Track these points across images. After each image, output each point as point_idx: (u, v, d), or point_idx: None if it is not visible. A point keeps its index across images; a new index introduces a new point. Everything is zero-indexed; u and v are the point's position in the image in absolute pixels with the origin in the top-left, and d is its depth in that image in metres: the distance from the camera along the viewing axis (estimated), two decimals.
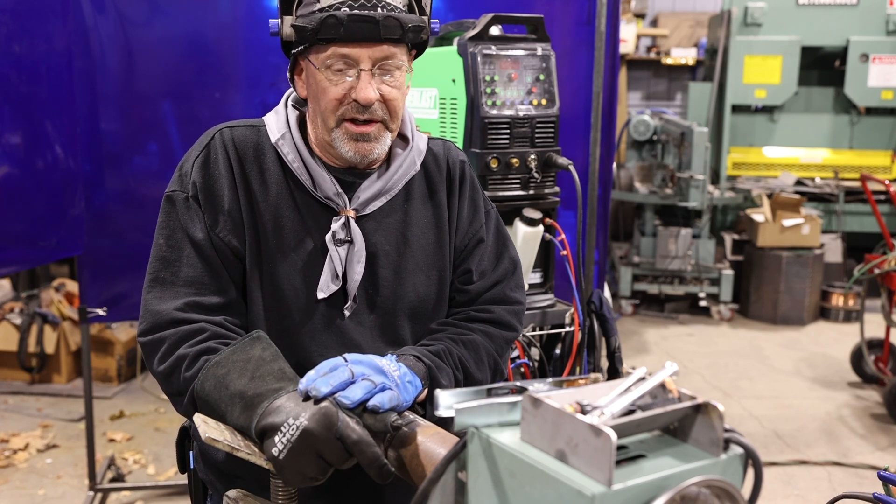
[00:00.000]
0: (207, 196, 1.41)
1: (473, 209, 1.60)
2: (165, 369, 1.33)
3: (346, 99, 1.37)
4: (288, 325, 1.43)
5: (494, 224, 1.63)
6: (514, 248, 1.66)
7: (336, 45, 1.35)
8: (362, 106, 1.37)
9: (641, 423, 0.86)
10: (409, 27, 1.37)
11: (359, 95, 1.36)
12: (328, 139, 1.42)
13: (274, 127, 1.46)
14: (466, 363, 1.47)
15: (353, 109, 1.38)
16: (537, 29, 2.39)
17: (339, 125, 1.40)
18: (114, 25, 3.02)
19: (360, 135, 1.39)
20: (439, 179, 1.56)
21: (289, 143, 1.45)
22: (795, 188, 6.74)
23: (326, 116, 1.40)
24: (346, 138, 1.40)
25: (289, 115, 1.48)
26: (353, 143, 1.40)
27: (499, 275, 1.60)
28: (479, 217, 1.60)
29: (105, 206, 3.14)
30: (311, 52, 1.38)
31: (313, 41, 1.36)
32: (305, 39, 1.36)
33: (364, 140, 1.40)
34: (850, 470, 3.90)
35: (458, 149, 1.64)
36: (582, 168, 2.91)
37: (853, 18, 6.74)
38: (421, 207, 1.53)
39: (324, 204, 1.45)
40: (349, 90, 1.37)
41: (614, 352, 2.54)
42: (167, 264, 1.39)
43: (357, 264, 1.44)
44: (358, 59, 1.36)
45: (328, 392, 1.18)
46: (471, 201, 1.60)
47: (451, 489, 0.96)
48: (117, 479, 3.60)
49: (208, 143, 1.45)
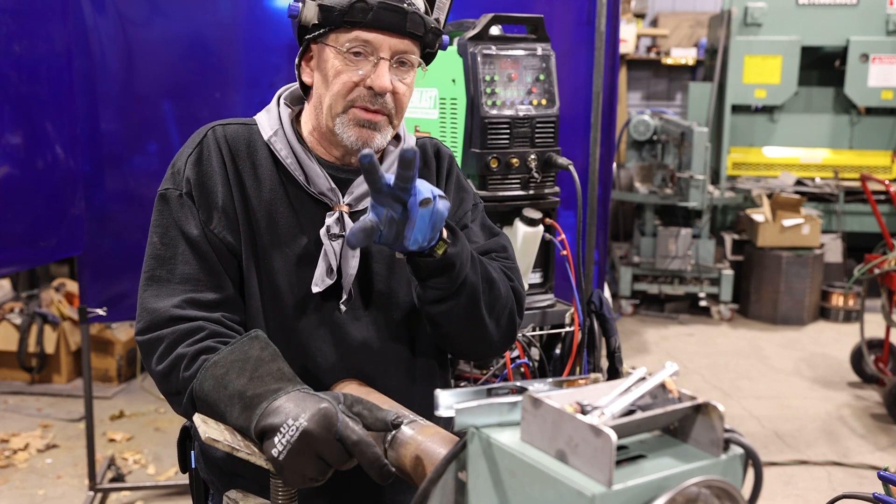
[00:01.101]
0: (201, 193, 1.42)
1: (459, 198, 1.61)
2: (164, 369, 1.33)
3: (360, 85, 1.39)
4: (285, 320, 1.44)
5: (480, 217, 1.64)
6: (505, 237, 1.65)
7: (360, 29, 1.36)
8: (375, 94, 1.38)
9: (641, 424, 0.86)
10: (430, 27, 1.41)
11: (375, 82, 1.37)
12: (331, 125, 1.42)
13: (266, 124, 1.47)
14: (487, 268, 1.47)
15: (365, 97, 1.39)
16: (537, 29, 2.39)
17: (346, 111, 1.40)
18: (114, 25, 3.02)
19: (367, 121, 1.40)
20: (427, 175, 1.58)
21: (281, 140, 1.45)
22: (795, 188, 6.73)
23: (336, 100, 1.40)
24: (352, 123, 1.41)
25: (281, 112, 1.48)
26: (358, 128, 1.41)
27: (491, 245, 1.58)
28: (465, 205, 1.61)
29: (105, 206, 3.13)
30: (330, 35, 1.39)
31: (338, 23, 1.37)
32: (330, 21, 1.37)
33: (370, 127, 1.41)
34: (850, 470, 3.90)
35: (445, 145, 1.66)
36: (582, 168, 2.91)
37: (853, 18, 6.74)
38: None
39: (317, 199, 1.45)
40: (364, 77, 1.38)
41: (614, 352, 2.54)
42: (162, 262, 1.40)
43: (352, 259, 1.44)
44: (379, 46, 1.37)
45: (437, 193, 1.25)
46: (457, 189, 1.61)
47: (451, 489, 0.96)
48: (117, 479, 3.60)
49: (201, 141, 1.45)
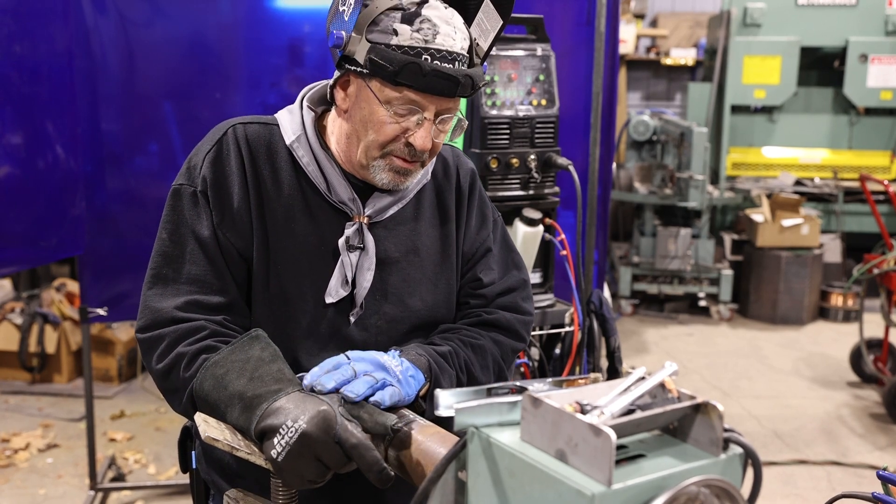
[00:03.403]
0: (217, 193, 1.38)
1: (482, 219, 1.60)
2: (163, 367, 1.32)
3: (400, 139, 1.36)
4: (292, 329, 1.41)
5: (501, 233, 1.64)
6: (520, 258, 1.66)
7: (410, 91, 1.32)
8: (415, 150, 1.36)
9: (641, 423, 0.86)
10: (478, 85, 1.36)
11: (416, 142, 1.35)
12: (364, 163, 1.39)
13: (289, 128, 1.43)
14: (472, 367, 1.47)
15: (404, 151, 1.37)
16: (537, 29, 2.40)
17: (383, 157, 1.38)
18: (115, 26, 3.02)
19: (403, 170, 1.39)
20: (448, 188, 1.55)
21: (304, 146, 1.42)
22: (795, 188, 6.74)
23: (372, 147, 1.37)
24: (388, 169, 1.38)
25: (304, 117, 1.44)
26: (394, 174, 1.39)
27: (511, 283, 1.59)
28: (486, 226, 1.60)
29: (106, 206, 3.14)
30: (373, 80, 1.33)
31: (388, 78, 1.31)
32: (380, 74, 1.31)
33: (403, 174, 1.40)
34: (849, 469, 3.91)
35: (465, 156, 1.63)
36: (582, 168, 2.91)
37: (852, 19, 6.74)
38: (430, 217, 1.52)
39: (337, 208, 1.43)
40: (405, 131, 1.35)
41: (614, 352, 2.55)
42: (170, 260, 1.37)
43: (367, 271, 1.43)
44: (425, 108, 1.34)
45: (333, 387, 1.21)
46: (479, 211, 1.60)
47: (451, 489, 0.97)
48: (118, 478, 3.61)
49: (220, 139, 1.41)
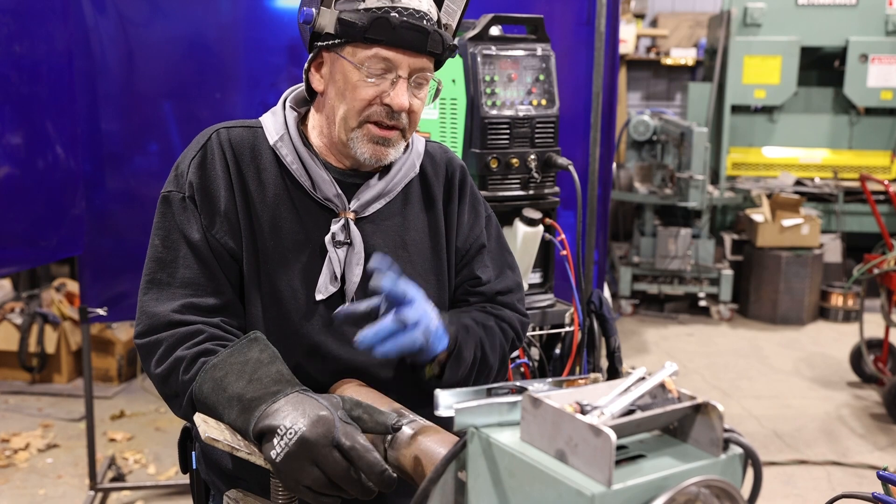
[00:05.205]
0: (204, 197, 1.41)
1: (474, 214, 1.61)
2: (163, 371, 1.33)
3: (376, 101, 1.38)
4: (286, 327, 1.43)
5: (495, 231, 1.65)
6: (514, 259, 1.68)
7: (381, 46, 1.34)
8: (392, 111, 1.38)
9: (641, 423, 0.86)
10: (448, 45, 1.40)
11: (394, 101, 1.37)
12: (343, 138, 1.41)
13: (272, 128, 1.46)
14: (485, 345, 1.49)
15: (381, 113, 1.38)
16: (537, 29, 2.40)
17: (361, 126, 1.40)
18: (114, 26, 3.02)
19: (381, 138, 1.40)
20: (436, 183, 1.57)
21: (287, 145, 1.44)
22: (795, 188, 6.73)
23: (350, 115, 1.39)
24: (366, 140, 1.40)
25: (287, 117, 1.47)
26: (373, 145, 1.40)
27: (509, 283, 1.61)
28: (479, 222, 1.61)
29: (105, 206, 3.13)
30: (345, 48, 1.37)
31: (358, 38, 1.35)
32: (350, 35, 1.35)
33: (383, 144, 1.41)
34: (849, 469, 3.90)
35: (455, 153, 1.65)
36: (582, 168, 2.91)
37: (852, 19, 6.74)
38: (418, 211, 1.53)
39: (322, 205, 1.45)
40: (381, 93, 1.37)
41: (614, 352, 2.54)
42: (163, 265, 1.39)
43: (356, 266, 1.44)
44: (399, 64, 1.36)
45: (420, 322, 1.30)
46: (471, 206, 1.60)
47: (451, 489, 0.96)
48: (118, 478, 3.60)
49: (205, 144, 1.44)
